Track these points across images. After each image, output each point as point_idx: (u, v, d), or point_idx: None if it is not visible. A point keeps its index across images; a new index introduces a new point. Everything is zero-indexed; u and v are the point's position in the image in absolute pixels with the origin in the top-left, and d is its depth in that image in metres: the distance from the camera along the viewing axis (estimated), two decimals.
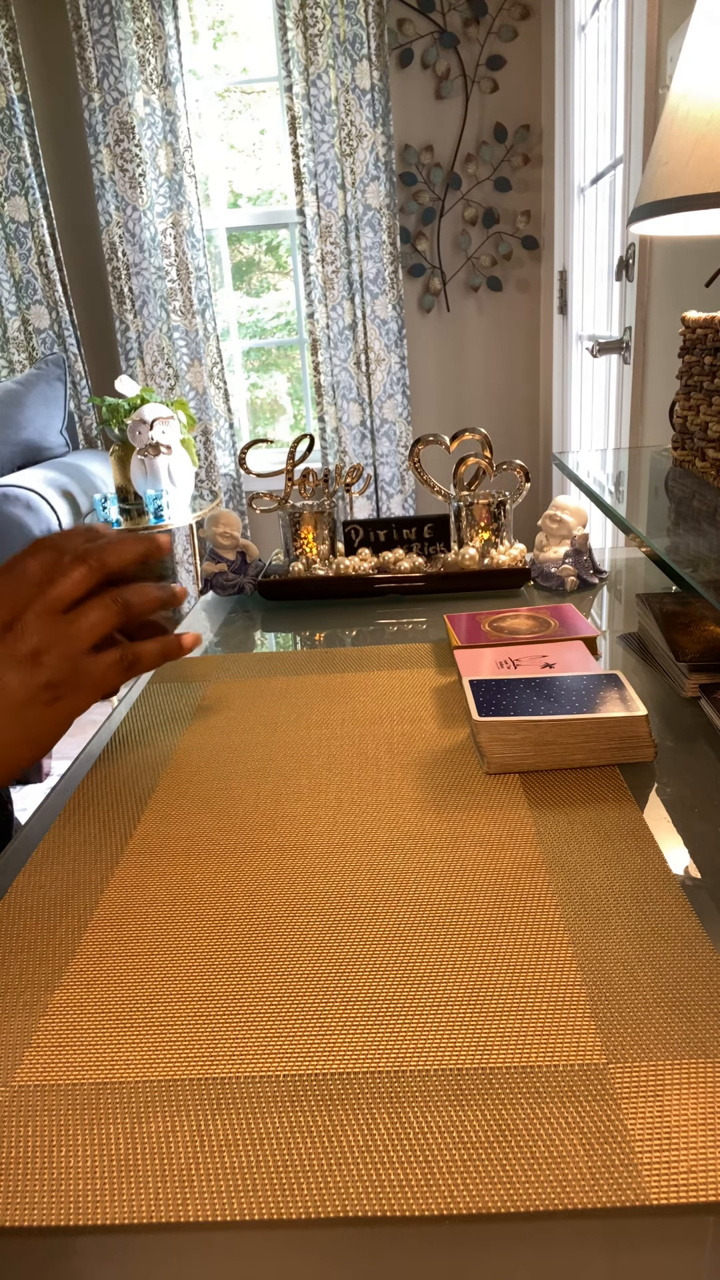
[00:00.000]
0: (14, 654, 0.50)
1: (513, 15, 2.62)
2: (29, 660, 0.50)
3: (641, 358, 1.85)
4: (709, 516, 0.80)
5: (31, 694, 0.50)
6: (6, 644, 0.50)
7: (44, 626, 0.50)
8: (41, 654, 0.50)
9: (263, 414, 3.41)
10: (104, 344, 3.10)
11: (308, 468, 0.95)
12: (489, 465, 0.92)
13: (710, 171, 0.69)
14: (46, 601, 0.51)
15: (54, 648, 0.50)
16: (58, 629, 0.51)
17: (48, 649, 0.50)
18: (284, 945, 0.42)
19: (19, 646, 0.50)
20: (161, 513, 2.48)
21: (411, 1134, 0.32)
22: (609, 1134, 0.31)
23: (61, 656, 0.50)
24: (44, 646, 0.50)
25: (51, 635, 0.50)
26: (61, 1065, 0.36)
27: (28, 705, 0.50)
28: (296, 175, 2.73)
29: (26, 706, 0.50)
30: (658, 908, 0.42)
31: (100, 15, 2.62)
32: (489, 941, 0.41)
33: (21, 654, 0.50)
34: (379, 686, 0.70)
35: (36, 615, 0.50)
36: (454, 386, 3.08)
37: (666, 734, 0.60)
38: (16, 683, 0.49)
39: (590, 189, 2.32)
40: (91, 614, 0.52)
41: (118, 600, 0.53)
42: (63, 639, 0.51)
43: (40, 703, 0.50)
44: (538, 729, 0.55)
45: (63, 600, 0.51)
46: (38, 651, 0.50)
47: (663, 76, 1.60)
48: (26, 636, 0.50)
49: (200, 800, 0.55)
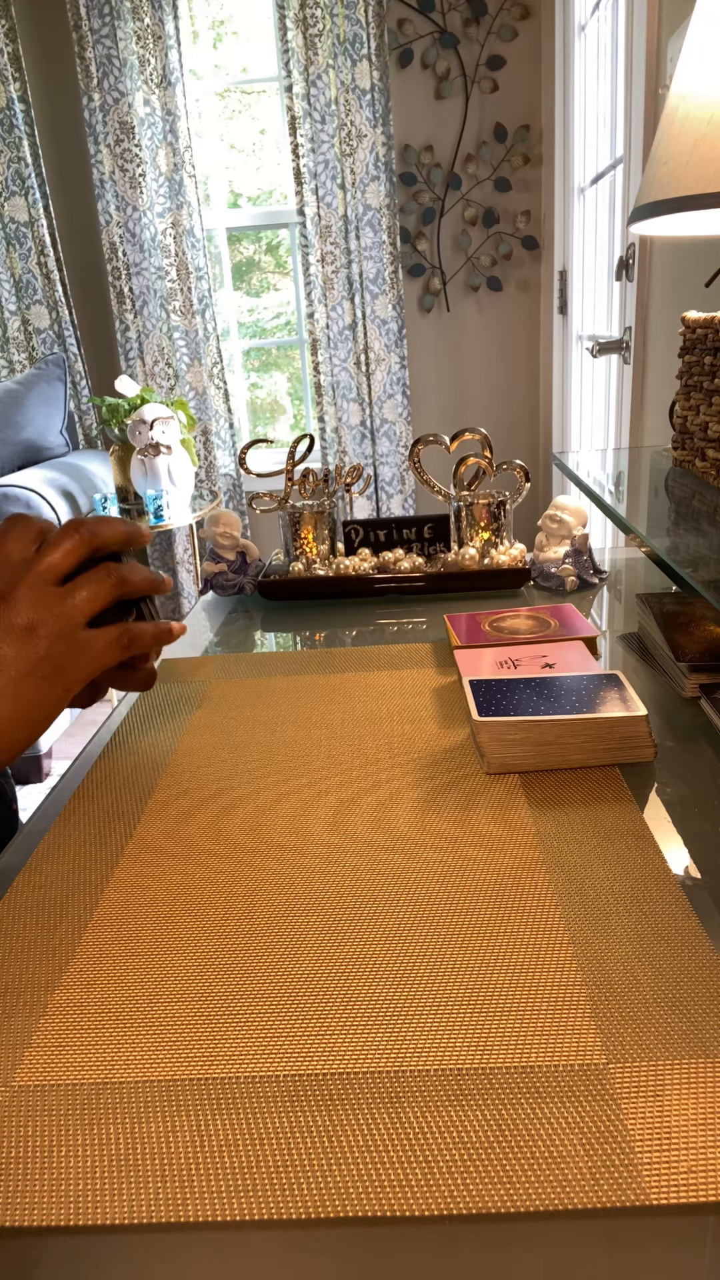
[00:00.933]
0: (10, 627, 0.48)
1: (513, 15, 2.62)
2: (25, 632, 0.49)
3: (641, 358, 1.85)
4: (709, 516, 0.80)
5: (30, 666, 0.49)
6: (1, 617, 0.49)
7: (38, 598, 0.49)
8: (38, 626, 0.49)
9: (263, 414, 3.41)
10: (104, 344, 3.10)
11: (308, 468, 0.95)
12: (489, 465, 0.92)
13: (710, 171, 0.69)
14: (39, 572, 0.50)
15: (50, 620, 0.49)
16: (53, 601, 0.50)
17: (43, 621, 0.49)
18: (284, 945, 0.42)
19: (15, 619, 0.49)
20: (161, 513, 2.48)
21: (411, 1134, 0.32)
22: (609, 1134, 0.31)
23: (58, 629, 0.50)
24: (40, 619, 0.49)
25: (47, 607, 0.49)
26: (61, 1065, 0.36)
27: (26, 678, 0.49)
28: (296, 175, 2.73)
29: (25, 679, 0.49)
30: (658, 908, 0.42)
31: (100, 15, 2.62)
32: (489, 941, 0.41)
33: (18, 626, 0.49)
34: (379, 686, 0.70)
35: (30, 588, 0.49)
36: (454, 386, 3.08)
37: (666, 734, 0.60)
38: (14, 655, 0.48)
39: (590, 189, 2.32)
40: (87, 586, 0.51)
41: (113, 573, 0.52)
42: (59, 612, 0.50)
43: (38, 675, 0.49)
44: (538, 729, 0.55)
45: (55, 570, 0.50)
46: (34, 624, 0.49)
47: (663, 76, 1.59)
48: (21, 609, 0.49)
49: (200, 800, 0.55)
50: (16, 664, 0.49)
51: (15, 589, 0.49)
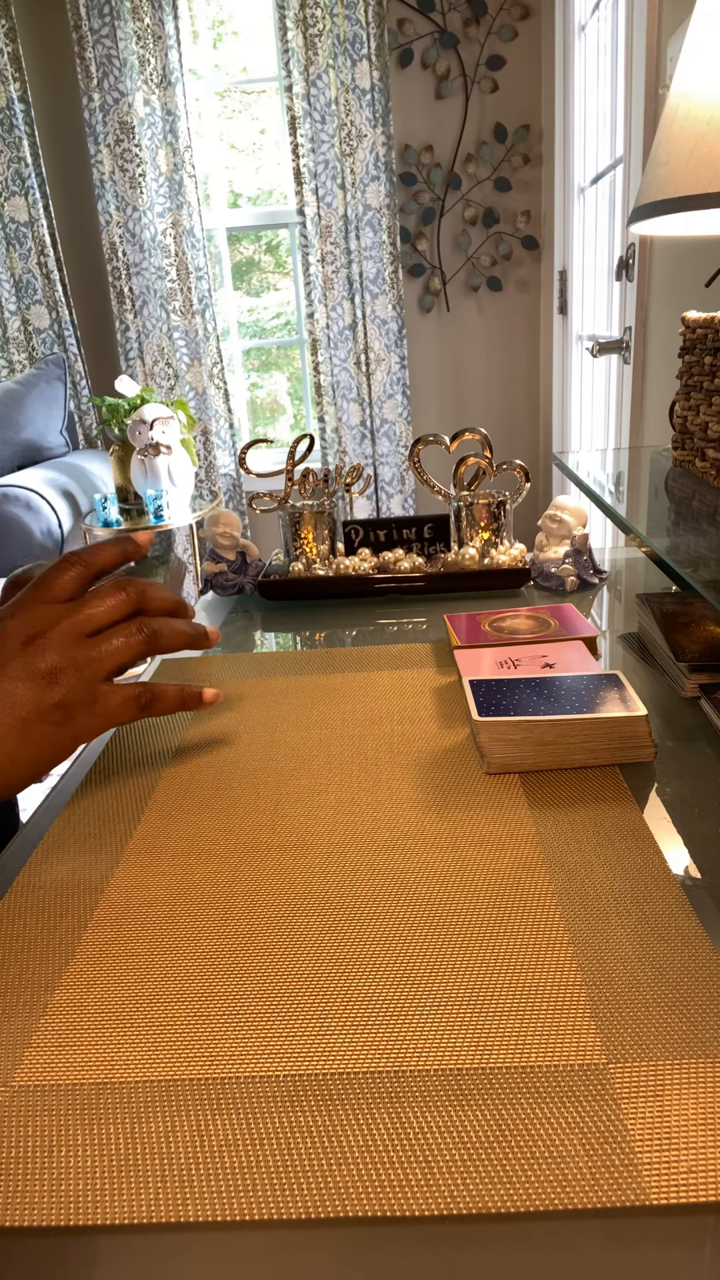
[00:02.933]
0: (32, 668, 0.48)
1: (513, 15, 2.62)
2: (45, 677, 0.49)
3: (641, 358, 1.85)
4: (709, 516, 0.80)
5: (42, 711, 0.48)
6: (26, 657, 0.49)
7: (67, 645, 0.49)
8: (59, 673, 0.49)
9: (263, 414, 3.41)
10: (104, 344, 3.10)
11: (308, 468, 0.95)
12: (489, 465, 0.92)
13: (710, 171, 0.69)
14: (76, 621, 0.50)
15: (73, 669, 0.49)
16: (80, 650, 0.50)
17: (66, 669, 0.49)
18: (284, 945, 0.42)
19: (38, 662, 0.49)
20: (161, 513, 2.48)
21: (411, 1134, 0.32)
22: (609, 1134, 0.31)
23: (79, 679, 0.49)
24: (63, 666, 0.49)
25: (73, 656, 0.49)
26: (61, 1065, 0.36)
27: (36, 722, 0.48)
28: (296, 175, 2.73)
29: (34, 723, 0.48)
30: (658, 908, 0.42)
31: (100, 15, 2.62)
32: (489, 941, 0.41)
33: (39, 669, 0.49)
34: (379, 686, 0.70)
35: (62, 633, 0.49)
36: (454, 386, 3.08)
37: (666, 734, 0.60)
38: (28, 697, 0.48)
39: (590, 189, 2.32)
40: (116, 640, 0.51)
41: (145, 629, 0.52)
42: (83, 661, 0.50)
43: (49, 721, 0.49)
44: (538, 729, 0.55)
45: (94, 623, 0.50)
46: (56, 670, 0.49)
47: (663, 76, 1.59)
48: (48, 653, 0.49)
49: (200, 800, 0.55)
50: (29, 706, 0.48)
51: (49, 631, 0.49)
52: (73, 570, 0.51)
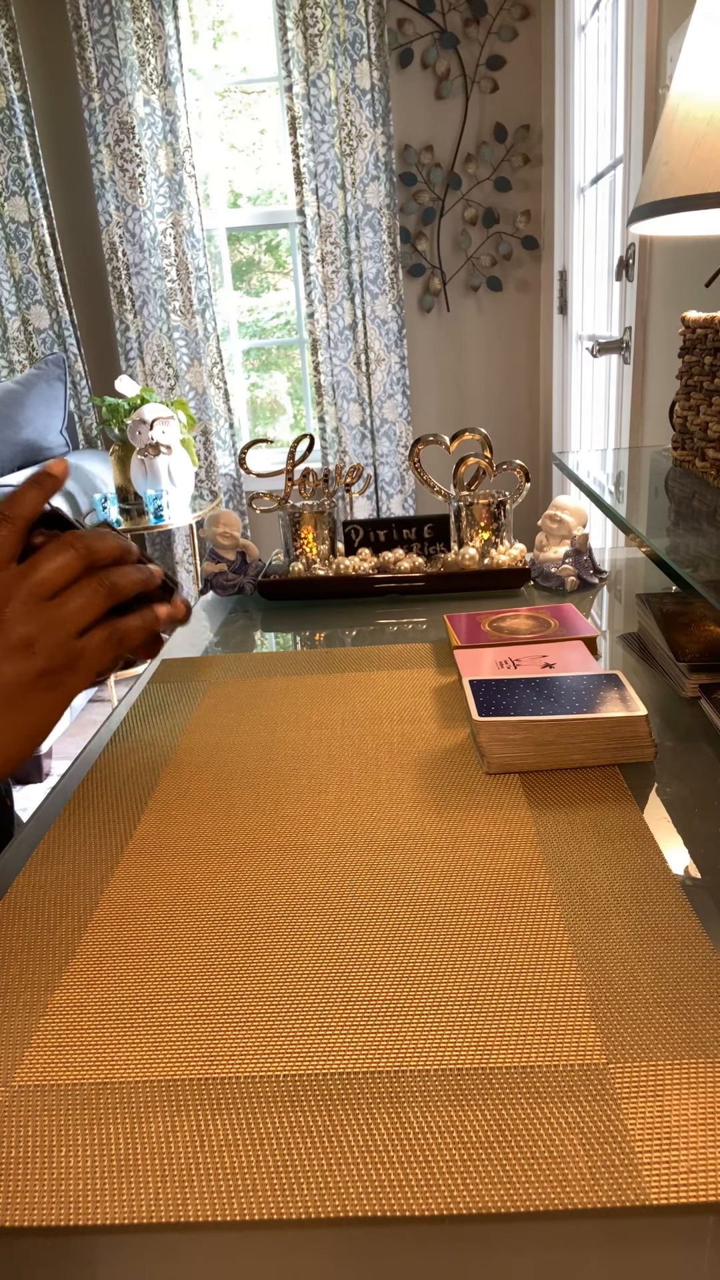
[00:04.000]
0: (6, 643, 0.49)
1: (513, 15, 2.62)
2: (22, 650, 0.49)
3: (641, 358, 1.85)
4: (709, 516, 0.80)
5: (29, 682, 0.49)
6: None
7: (32, 614, 0.50)
8: (33, 642, 0.49)
9: (263, 414, 3.41)
10: (104, 344, 3.10)
11: (308, 468, 0.95)
12: (489, 465, 0.92)
13: (710, 171, 0.69)
14: (32, 587, 0.50)
15: (45, 634, 0.50)
16: (45, 614, 0.50)
17: (39, 636, 0.50)
18: (284, 945, 0.42)
19: (10, 636, 0.49)
20: (161, 513, 2.48)
21: (411, 1134, 0.32)
22: (609, 1134, 0.31)
23: (54, 642, 0.50)
24: (35, 634, 0.49)
25: (41, 622, 0.50)
26: (61, 1065, 0.36)
27: (27, 693, 0.50)
28: (296, 175, 2.73)
29: (26, 695, 0.50)
30: (658, 908, 0.42)
31: (100, 15, 2.62)
32: (489, 941, 0.41)
33: (13, 643, 0.49)
34: (379, 686, 0.70)
35: (23, 603, 0.50)
36: (454, 386, 3.07)
37: (666, 734, 0.60)
38: (12, 673, 0.49)
39: (590, 189, 2.32)
40: (79, 597, 0.51)
41: (104, 582, 0.52)
42: (52, 625, 0.50)
43: (40, 689, 0.50)
44: (538, 729, 0.54)
45: (49, 586, 0.50)
46: (29, 640, 0.49)
47: (663, 76, 1.59)
48: (15, 625, 0.49)
49: (200, 800, 0.55)
50: (16, 679, 0.49)
51: (9, 605, 0.49)
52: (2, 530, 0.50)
